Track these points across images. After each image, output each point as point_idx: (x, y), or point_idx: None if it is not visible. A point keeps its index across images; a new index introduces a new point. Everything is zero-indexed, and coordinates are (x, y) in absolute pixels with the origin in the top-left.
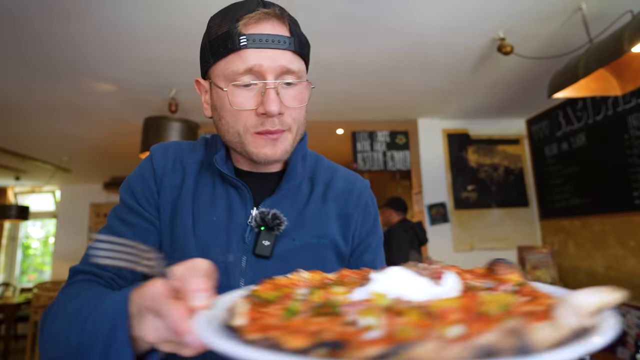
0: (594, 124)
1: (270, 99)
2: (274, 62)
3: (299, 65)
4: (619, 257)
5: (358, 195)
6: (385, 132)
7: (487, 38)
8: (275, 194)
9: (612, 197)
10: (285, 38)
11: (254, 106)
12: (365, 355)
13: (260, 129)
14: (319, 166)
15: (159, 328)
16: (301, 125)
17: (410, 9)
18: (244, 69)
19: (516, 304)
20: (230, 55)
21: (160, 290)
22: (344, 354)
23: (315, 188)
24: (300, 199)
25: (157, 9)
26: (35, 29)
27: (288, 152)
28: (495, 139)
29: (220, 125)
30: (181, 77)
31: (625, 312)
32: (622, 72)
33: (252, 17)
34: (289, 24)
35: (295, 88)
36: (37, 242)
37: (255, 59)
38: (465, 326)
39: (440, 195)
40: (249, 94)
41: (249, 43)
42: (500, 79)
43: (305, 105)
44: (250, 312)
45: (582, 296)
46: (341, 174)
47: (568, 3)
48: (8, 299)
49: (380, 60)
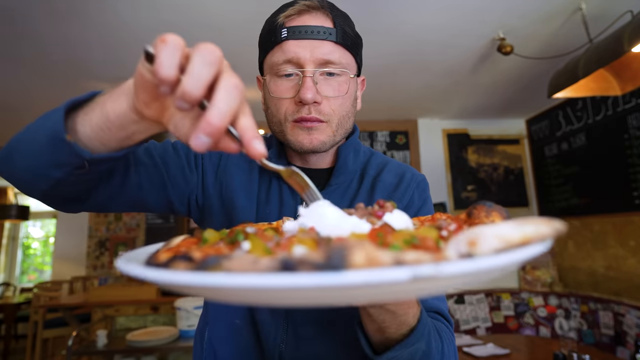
0: (594, 124)
1: (305, 87)
2: (312, 51)
3: (341, 56)
4: (618, 257)
5: (405, 188)
6: (385, 132)
7: (487, 38)
8: (325, 189)
9: (612, 197)
10: (326, 29)
11: (292, 94)
12: (187, 266)
13: (296, 117)
14: (371, 161)
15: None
16: (343, 118)
17: (410, 10)
18: (284, 59)
19: (424, 238)
20: (275, 48)
21: None
22: (176, 264)
23: (364, 182)
24: (349, 194)
25: (157, 10)
26: (35, 30)
27: (326, 144)
28: (495, 139)
29: (267, 115)
30: None
31: (625, 312)
32: (622, 72)
33: (294, 9)
34: (332, 16)
35: (336, 79)
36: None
37: (294, 49)
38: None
39: (440, 195)
40: (289, 83)
41: (289, 35)
42: (500, 79)
43: (348, 97)
44: (181, 244)
45: (507, 226)
46: (392, 167)
47: (568, 3)
48: (8, 298)
49: (380, 61)
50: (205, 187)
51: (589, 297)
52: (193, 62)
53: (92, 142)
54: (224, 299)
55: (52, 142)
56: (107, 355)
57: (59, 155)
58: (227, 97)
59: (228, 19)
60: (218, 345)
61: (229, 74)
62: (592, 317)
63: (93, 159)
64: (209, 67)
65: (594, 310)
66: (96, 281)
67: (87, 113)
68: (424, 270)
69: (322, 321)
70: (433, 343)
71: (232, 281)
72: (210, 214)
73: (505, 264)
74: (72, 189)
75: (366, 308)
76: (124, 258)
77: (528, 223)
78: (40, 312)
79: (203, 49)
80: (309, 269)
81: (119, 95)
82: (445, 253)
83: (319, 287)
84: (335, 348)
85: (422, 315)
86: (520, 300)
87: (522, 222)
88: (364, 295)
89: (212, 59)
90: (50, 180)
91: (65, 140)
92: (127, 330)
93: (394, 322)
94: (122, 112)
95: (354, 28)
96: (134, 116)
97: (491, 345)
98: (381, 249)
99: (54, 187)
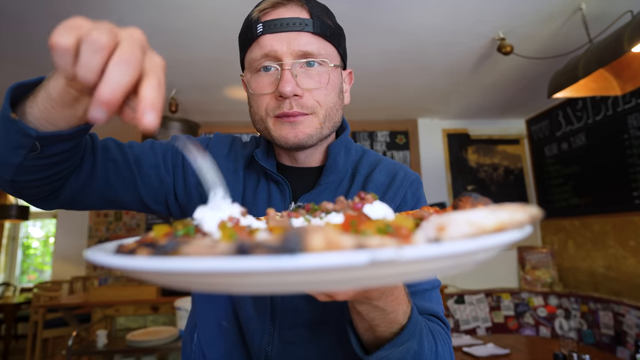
0: (594, 124)
1: (284, 80)
2: (289, 44)
3: (320, 47)
4: (618, 257)
5: (397, 187)
6: (385, 132)
7: (487, 38)
8: (315, 188)
9: (612, 197)
10: (302, 20)
11: (272, 89)
12: (149, 252)
13: (278, 112)
14: (363, 160)
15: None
16: (331, 110)
17: (410, 10)
18: (261, 54)
19: (399, 227)
20: (252, 45)
21: None
22: (140, 251)
23: (355, 181)
24: (340, 194)
25: (157, 9)
26: (35, 31)
27: (312, 137)
28: (495, 139)
29: (251, 114)
30: (181, 77)
31: (625, 312)
32: (622, 72)
33: (267, 3)
34: (308, 7)
35: (316, 69)
36: (37, 242)
37: (270, 42)
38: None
39: (440, 195)
40: (269, 78)
41: (265, 29)
42: (500, 79)
43: (331, 88)
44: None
45: (481, 212)
46: (384, 166)
47: (568, 3)
48: (8, 298)
49: (380, 61)
50: (187, 186)
51: (589, 297)
52: (110, 67)
53: (41, 122)
54: (183, 285)
55: (1, 123)
56: (107, 355)
57: (10, 136)
58: (119, 71)
59: (229, 17)
60: (206, 348)
61: (125, 47)
62: (592, 317)
63: (39, 135)
64: (128, 71)
65: (594, 310)
66: (96, 281)
67: (35, 95)
68: (384, 254)
69: (310, 324)
70: (425, 343)
71: (185, 265)
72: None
73: (472, 249)
74: (36, 177)
75: (355, 306)
76: (95, 248)
77: (502, 209)
78: (40, 312)
79: (122, 54)
80: (264, 252)
81: (59, 74)
82: (413, 238)
83: (272, 271)
84: (323, 352)
85: (412, 313)
86: (521, 300)
87: (496, 209)
88: (322, 281)
89: (132, 59)
90: (10, 167)
91: (11, 119)
92: (127, 330)
93: (383, 320)
94: (61, 89)
95: (335, 19)
96: (73, 92)
97: (491, 345)
98: (345, 235)
99: (17, 175)
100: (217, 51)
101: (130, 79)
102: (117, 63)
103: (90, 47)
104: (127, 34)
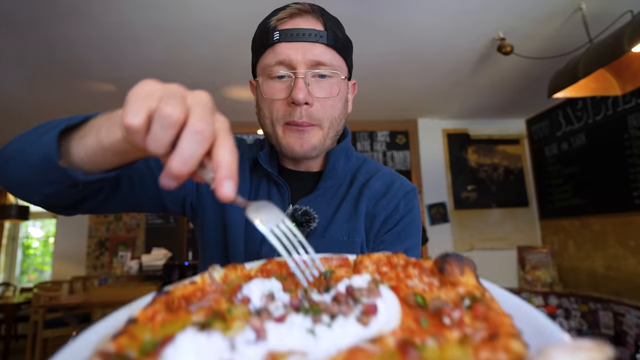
0: (594, 124)
1: (297, 87)
2: (304, 53)
3: (332, 58)
4: (618, 257)
5: (392, 196)
6: (385, 132)
7: (487, 38)
8: (313, 192)
9: (612, 197)
10: (317, 32)
11: (284, 96)
12: None
13: (288, 120)
14: (363, 168)
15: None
16: (335, 120)
17: (410, 11)
18: (276, 61)
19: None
20: (267, 51)
21: None
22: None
23: (352, 188)
24: (337, 199)
25: (157, 9)
26: (35, 31)
27: (317, 148)
28: (495, 139)
29: (259, 117)
30: (182, 77)
31: (625, 312)
32: (622, 72)
33: (286, 13)
34: (323, 20)
35: (328, 80)
36: (37, 242)
37: (286, 51)
38: None
39: (440, 195)
40: (282, 85)
41: (281, 37)
42: (500, 79)
43: (339, 99)
44: (144, 312)
45: (559, 354)
46: (382, 175)
47: (568, 3)
48: (8, 298)
49: (380, 61)
50: (199, 186)
51: (589, 297)
52: (183, 140)
53: (86, 164)
54: None
55: (44, 164)
56: None
57: (51, 175)
58: (192, 143)
59: (229, 17)
60: None
61: (197, 117)
62: (592, 317)
63: (86, 180)
64: (201, 142)
65: (594, 310)
66: (96, 281)
67: (82, 137)
68: None
69: None
70: None
71: None
72: (203, 213)
73: None
74: (65, 200)
75: None
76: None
77: (580, 350)
78: (40, 312)
79: (194, 124)
80: None
81: (113, 124)
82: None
83: None
84: None
85: None
86: None
87: (575, 350)
88: None
89: (204, 128)
90: (41, 195)
91: (58, 165)
92: None
93: None
94: (116, 142)
95: (344, 32)
96: (128, 146)
97: None
98: None
99: (47, 199)
100: (217, 51)
101: (203, 150)
102: (189, 135)
103: (161, 123)
104: (197, 100)
